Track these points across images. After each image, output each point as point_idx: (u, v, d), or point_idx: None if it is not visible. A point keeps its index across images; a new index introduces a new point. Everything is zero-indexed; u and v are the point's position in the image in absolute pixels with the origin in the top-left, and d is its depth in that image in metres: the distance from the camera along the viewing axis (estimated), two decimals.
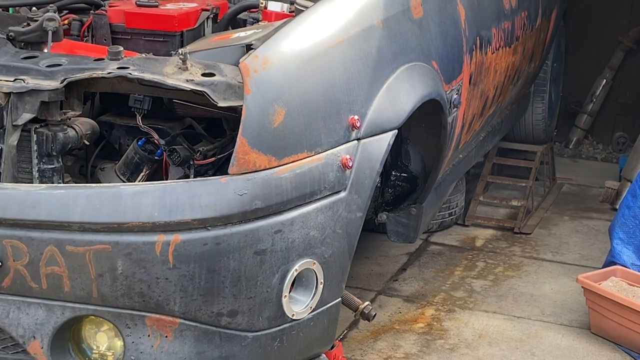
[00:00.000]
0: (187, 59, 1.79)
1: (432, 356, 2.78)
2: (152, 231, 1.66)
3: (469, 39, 2.65)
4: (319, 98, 1.87)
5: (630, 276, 2.97)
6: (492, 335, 2.93)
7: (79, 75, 1.78)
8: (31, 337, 1.72)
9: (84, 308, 1.71)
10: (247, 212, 1.69)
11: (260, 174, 1.72)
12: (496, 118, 3.42)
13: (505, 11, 3.11)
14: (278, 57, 1.82)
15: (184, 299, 1.69)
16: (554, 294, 3.23)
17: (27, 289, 1.70)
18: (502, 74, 3.15)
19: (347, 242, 1.92)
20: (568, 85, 5.04)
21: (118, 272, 1.66)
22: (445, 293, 3.24)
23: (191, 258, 1.67)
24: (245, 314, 1.75)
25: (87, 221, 1.66)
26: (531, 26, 3.53)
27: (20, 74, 1.79)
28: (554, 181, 4.56)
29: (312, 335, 1.90)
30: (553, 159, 4.58)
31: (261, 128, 1.73)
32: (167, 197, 1.69)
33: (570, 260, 3.54)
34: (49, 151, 1.79)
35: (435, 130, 2.50)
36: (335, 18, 2.00)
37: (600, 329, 2.92)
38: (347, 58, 1.98)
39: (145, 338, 1.71)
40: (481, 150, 3.66)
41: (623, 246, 3.12)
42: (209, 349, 1.74)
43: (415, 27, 2.29)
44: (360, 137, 1.93)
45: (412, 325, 2.98)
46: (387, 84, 2.06)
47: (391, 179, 2.63)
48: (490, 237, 3.82)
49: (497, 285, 3.32)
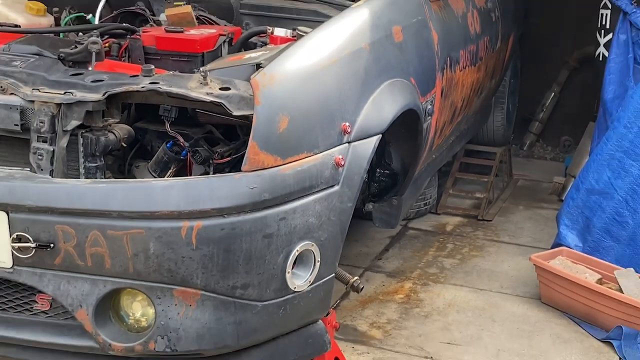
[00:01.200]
0: (207, 76, 1.81)
1: (410, 322, 2.83)
2: (178, 218, 1.68)
3: (440, 59, 2.68)
4: (317, 108, 1.89)
5: (574, 256, 3.04)
6: (460, 305, 2.98)
7: (117, 89, 1.80)
8: (78, 306, 1.74)
9: (122, 282, 1.74)
10: (257, 203, 1.72)
11: (268, 171, 1.74)
12: (463, 124, 3.44)
13: (470, 36, 3.14)
14: (283, 74, 1.84)
15: (204, 274, 1.71)
16: (511, 270, 3.28)
17: (74, 266, 1.72)
18: (468, 88, 3.17)
19: (339, 227, 1.95)
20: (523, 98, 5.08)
21: (150, 252, 1.69)
22: (420, 269, 3.28)
23: (211, 240, 1.69)
24: (256, 287, 1.77)
25: (124, 210, 1.69)
26: (492, 48, 3.55)
27: (70, 88, 1.81)
28: (511, 177, 4.59)
29: (310, 304, 1.93)
30: (510, 158, 4.61)
31: (269, 133, 1.75)
32: (191, 190, 1.72)
33: (524, 242, 3.57)
34: (93, 152, 1.81)
35: (413, 135, 2.53)
36: (329, 42, 2.03)
37: (549, 299, 2.98)
38: (340, 75, 2.01)
39: (172, 307, 1.73)
40: (451, 151, 3.67)
41: (568, 231, 3.17)
42: (225, 316, 1.76)
43: (396, 50, 2.32)
44: (351, 141, 1.96)
45: (393, 296, 3.02)
46: (373, 97, 2.09)
47: (376, 175, 2.66)
48: (458, 224, 3.84)
49: (463, 263, 3.37)
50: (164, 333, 1.74)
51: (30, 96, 1.80)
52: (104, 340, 1.76)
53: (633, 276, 2.85)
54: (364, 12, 2.21)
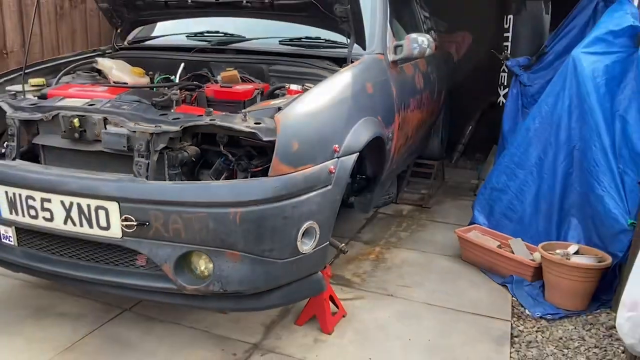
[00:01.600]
0: (246, 115, 1.81)
1: (378, 272, 2.84)
2: (228, 206, 1.69)
3: (397, 104, 2.67)
4: (317, 136, 1.90)
5: (483, 230, 3.07)
6: (410, 261, 2.99)
7: (189, 124, 1.81)
8: (164, 262, 1.75)
9: (192, 247, 1.74)
10: (278, 196, 1.73)
11: (286, 176, 1.75)
12: (413, 146, 3.43)
13: (417, 90, 3.13)
14: (295, 114, 1.85)
15: (244, 242, 1.72)
16: (442, 239, 3.28)
17: (161, 236, 1.73)
18: (416, 123, 3.17)
19: (332, 212, 1.95)
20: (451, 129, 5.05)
21: (210, 227, 1.69)
22: (385, 239, 3.28)
23: (248, 220, 1.70)
24: (277, 251, 1.78)
25: (194, 201, 1.71)
26: (431, 98, 3.54)
27: (159, 123, 1.81)
28: (444, 180, 4.57)
29: (313, 261, 1.93)
30: (443, 168, 4.59)
31: (286, 152, 1.75)
32: (236, 188, 1.73)
33: (451, 222, 3.57)
34: (173, 164, 1.82)
35: (379, 153, 2.52)
36: (325, 93, 2.03)
37: (466, 258, 3.00)
38: (332, 114, 2.02)
39: (224, 263, 1.74)
40: (405, 163, 3.67)
41: (479, 214, 3.19)
42: (257, 268, 1.77)
43: (368, 98, 2.31)
44: (339, 157, 1.96)
45: (368, 256, 3.03)
46: (354, 128, 2.10)
47: (356, 178, 2.65)
48: (410, 210, 3.84)
49: (413, 235, 3.37)
50: (219, 279, 1.74)
51: (133, 128, 1.80)
52: (180, 284, 1.76)
53: (520, 243, 2.85)
54: (347, 74, 2.20)
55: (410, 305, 2.48)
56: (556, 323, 2.41)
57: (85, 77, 2.40)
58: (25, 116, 1.96)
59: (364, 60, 2.41)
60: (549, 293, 2.56)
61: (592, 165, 2.65)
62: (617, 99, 2.68)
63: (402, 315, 2.39)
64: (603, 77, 2.73)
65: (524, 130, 3.04)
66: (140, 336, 2.14)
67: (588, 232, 2.71)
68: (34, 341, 2.07)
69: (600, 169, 2.60)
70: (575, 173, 2.78)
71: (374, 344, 2.16)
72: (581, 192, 2.73)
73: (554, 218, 2.87)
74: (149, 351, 2.05)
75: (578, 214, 2.77)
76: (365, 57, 2.44)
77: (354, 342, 2.17)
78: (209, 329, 2.21)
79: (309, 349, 2.10)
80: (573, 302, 2.49)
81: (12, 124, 1.97)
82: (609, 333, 2.30)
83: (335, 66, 2.35)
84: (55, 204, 1.77)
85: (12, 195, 1.83)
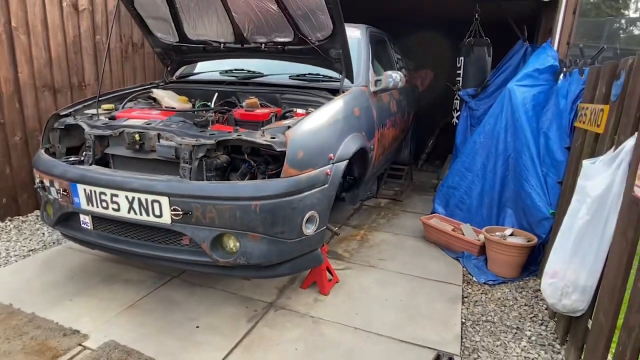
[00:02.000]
0: (265, 132, 1.81)
1: (363, 249, 2.82)
2: (250, 200, 1.68)
3: (377, 124, 2.66)
4: (317, 147, 1.89)
5: (441, 218, 3.06)
6: (387, 241, 2.97)
7: (221, 138, 1.80)
8: (202, 241, 1.74)
9: (223, 230, 1.72)
10: (288, 192, 1.72)
11: (294, 177, 1.74)
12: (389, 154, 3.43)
13: (392, 113, 3.13)
14: (301, 131, 1.84)
15: (263, 226, 1.71)
16: (411, 225, 3.27)
17: (200, 222, 1.72)
18: (391, 138, 3.16)
19: (328, 204, 1.94)
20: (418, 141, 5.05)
21: (237, 215, 1.68)
22: (368, 225, 3.26)
23: (266, 210, 1.69)
24: (287, 233, 1.76)
25: (225, 196, 1.70)
26: (402, 119, 3.54)
27: (199, 138, 1.81)
28: (412, 180, 4.57)
29: (314, 241, 1.92)
30: (411, 171, 4.59)
31: (294, 159, 1.74)
32: (257, 186, 1.71)
33: (418, 211, 3.56)
34: (210, 168, 1.81)
35: (364, 160, 2.52)
36: (323, 116, 2.02)
37: (429, 239, 2.99)
38: (329, 131, 2.00)
39: (248, 242, 1.73)
40: (383, 167, 3.66)
41: (438, 206, 3.19)
42: (273, 246, 1.76)
43: (356, 119, 2.30)
44: (334, 163, 1.95)
45: (354, 237, 3.01)
46: (345, 141, 2.09)
47: (346, 179, 2.64)
48: (386, 203, 3.83)
49: (389, 221, 3.35)
50: (243, 254, 1.74)
51: (180, 142, 1.80)
52: (215, 258, 1.75)
53: (469, 227, 2.84)
54: (340, 101, 2.20)
55: (387, 274, 2.46)
56: (496, 287, 2.41)
57: (144, 103, 2.41)
58: (99, 132, 1.96)
59: (352, 90, 2.41)
60: (490, 265, 2.56)
61: (522, 169, 2.65)
62: (542, 120, 2.68)
63: (380, 282, 2.37)
64: (531, 104, 2.74)
65: (471, 143, 3.04)
66: (185, 297, 2.14)
67: (520, 219, 2.71)
68: (105, 300, 2.06)
69: (529, 172, 2.61)
70: (510, 175, 2.79)
71: (360, 303, 2.15)
72: (514, 189, 2.73)
73: (494, 209, 2.87)
74: (191, 308, 2.04)
75: (512, 206, 2.77)
76: (353, 89, 2.44)
77: (345, 301, 2.16)
78: (236, 291, 2.21)
79: (311, 307, 2.10)
80: (509, 271, 2.49)
81: (89, 138, 1.98)
82: (535, 295, 2.31)
83: (331, 95, 2.34)
84: (121, 198, 1.77)
85: (89, 192, 1.84)
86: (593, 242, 1.56)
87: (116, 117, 2.11)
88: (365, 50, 2.81)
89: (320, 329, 1.91)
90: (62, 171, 1.90)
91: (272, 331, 1.88)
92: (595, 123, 1.90)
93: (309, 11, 2.05)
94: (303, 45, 2.25)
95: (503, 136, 2.83)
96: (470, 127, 3.51)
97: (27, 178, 3.07)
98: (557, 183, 2.46)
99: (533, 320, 2.08)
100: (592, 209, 1.55)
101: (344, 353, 1.75)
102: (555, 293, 1.72)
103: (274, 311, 2.05)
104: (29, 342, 1.73)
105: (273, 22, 2.20)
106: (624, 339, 1.31)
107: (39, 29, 3.01)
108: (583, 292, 1.63)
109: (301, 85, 2.52)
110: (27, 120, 3.02)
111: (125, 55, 3.78)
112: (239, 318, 1.97)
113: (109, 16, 3.48)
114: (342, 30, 2.06)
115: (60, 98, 3.21)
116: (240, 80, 2.71)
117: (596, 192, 1.54)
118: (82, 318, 1.91)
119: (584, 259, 1.60)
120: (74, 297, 2.07)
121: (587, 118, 2.04)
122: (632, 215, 1.37)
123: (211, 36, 2.45)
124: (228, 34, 2.39)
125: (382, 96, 2.93)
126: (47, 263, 2.41)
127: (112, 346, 1.72)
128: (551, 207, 2.45)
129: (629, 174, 1.43)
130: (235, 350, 1.75)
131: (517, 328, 2.01)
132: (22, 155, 3.03)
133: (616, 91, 1.71)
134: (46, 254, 2.52)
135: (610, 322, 1.43)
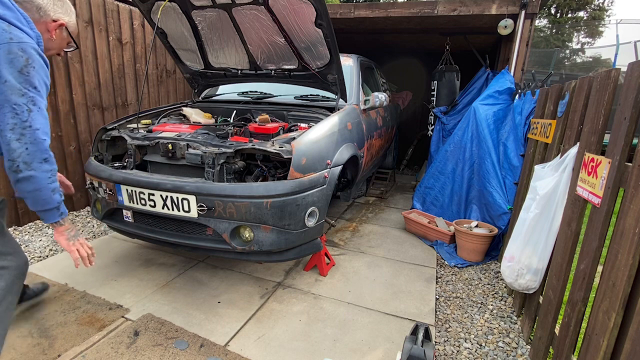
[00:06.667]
0: (274, 142, 1.81)
1: (355, 239, 2.80)
2: (262, 198, 1.67)
3: (366, 135, 2.64)
4: (317, 154, 1.88)
5: (419, 212, 3.03)
6: (375, 231, 2.95)
7: (239, 147, 1.80)
8: (223, 232, 1.73)
9: (240, 222, 1.71)
10: (293, 192, 1.71)
11: (298, 179, 1.73)
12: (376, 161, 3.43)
13: (378, 126, 3.12)
14: (304, 141, 1.83)
15: (273, 219, 1.70)
16: (395, 218, 3.26)
17: (221, 216, 1.71)
18: (378, 147, 3.15)
19: (326, 202, 1.93)
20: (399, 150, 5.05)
21: (251, 211, 1.68)
22: (359, 218, 3.25)
23: (276, 206, 1.68)
24: (293, 225, 1.76)
25: (241, 194, 1.68)
26: (387, 131, 3.54)
27: (220, 147, 1.80)
28: (395, 182, 4.56)
29: (315, 232, 1.91)
30: (395, 174, 4.58)
31: (298, 164, 1.74)
32: (268, 187, 1.70)
33: (400, 207, 3.55)
34: (229, 172, 1.80)
35: (355, 165, 2.51)
36: (322, 129, 2.01)
37: (409, 229, 2.97)
38: (327, 141, 1.99)
39: (260, 232, 1.73)
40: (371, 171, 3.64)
41: (416, 202, 3.17)
42: (281, 236, 1.75)
43: (349, 132, 2.29)
44: (331, 167, 1.94)
45: (348, 229, 2.99)
46: (340, 150, 2.08)
47: (341, 181, 2.64)
48: (374, 200, 3.82)
49: (376, 215, 3.34)
50: (257, 243, 1.73)
51: (205, 150, 1.79)
52: (233, 245, 1.74)
53: (442, 220, 2.82)
54: (336, 117, 2.18)
55: (374, 259, 2.45)
56: (464, 269, 2.40)
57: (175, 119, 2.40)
58: (138, 143, 1.96)
59: (346, 108, 2.40)
60: (459, 251, 2.55)
61: (485, 173, 2.65)
62: (501, 132, 2.68)
63: (369, 265, 2.36)
64: (492, 119, 2.74)
65: (443, 151, 3.04)
66: (209, 277, 2.12)
67: (483, 214, 2.70)
68: (143, 280, 2.06)
69: (491, 175, 2.60)
70: (475, 178, 2.78)
71: (352, 282, 2.14)
72: (479, 189, 2.73)
73: (462, 205, 2.86)
74: (214, 287, 2.03)
75: (477, 203, 2.76)
76: (347, 107, 2.43)
77: (340, 281, 2.15)
78: (251, 273, 2.20)
79: (312, 285, 2.09)
80: (474, 256, 2.48)
81: (131, 148, 1.98)
82: (496, 275, 2.30)
83: (328, 112, 2.32)
84: (157, 197, 1.77)
85: (130, 191, 1.84)
86: (543, 232, 1.56)
87: (153, 130, 2.10)
88: (356, 75, 2.81)
89: (320, 304, 1.91)
90: (108, 175, 1.90)
91: (280, 305, 1.88)
92: (545, 135, 1.91)
93: (310, 44, 2.06)
94: (305, 71, 2.25)
95: (469, 146, 2.83)
96: (442, 138, 3.51)
97: (80, 180, 3.09)
98: (514, 184, 2.46)
99: (494, 296, 2.08)
100: (542, 205, 1.56)
101: (339, 323, 1.76)
102: (512, 274, 1.72)
103: (282, 289, 2.04)
104: (81, 314, 1.73)
105: (281, 52, 2.20)
106: (568, 312, 1.32)
107: (90, 59, 3.02)
108: (535, 273, 1.63)
109: (304, 104, 2.50)
110: (80, 133, 3.03)
111: (160, 80, 3.79)
112: (253, 295, 1.97)
113: (147, 48, 3.49)
114: (338, 59, 2.06)
115: (107, 115, 3.22)
116: (254, 100, 2.69)
117: (545, 191, 1.55)
118: (125, 295, 1.91)
119: (536, 246, 1.59)
120: (118, 278, 2.06)
121: (538, 131, 2.05)
122: (575, 209, 1.39)
123: (230, 64, 2.45)
124: (244, 63, 2.39)
125: (370, 113, 2.92)
126: (96, 250, 2.39)
127: (148, 318, 1.73)
128: (509, 204, 2.45)
129: (573, 176, 1.45)
130: (250, 321, 1.75)
131: (481, 303, 2.01)
132: (75, 161, 3.05)
133: (562, 109, 1.73)
134: (95, 242, 2.52)
135: (558, 298, 1.44)
